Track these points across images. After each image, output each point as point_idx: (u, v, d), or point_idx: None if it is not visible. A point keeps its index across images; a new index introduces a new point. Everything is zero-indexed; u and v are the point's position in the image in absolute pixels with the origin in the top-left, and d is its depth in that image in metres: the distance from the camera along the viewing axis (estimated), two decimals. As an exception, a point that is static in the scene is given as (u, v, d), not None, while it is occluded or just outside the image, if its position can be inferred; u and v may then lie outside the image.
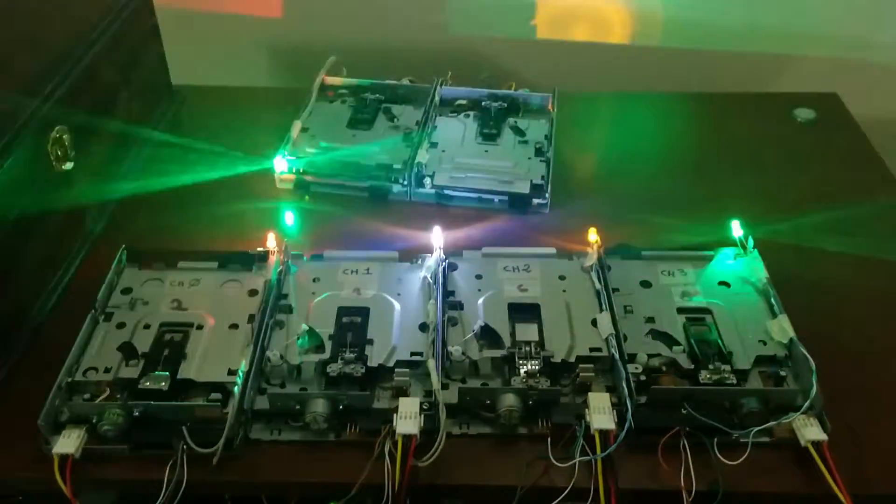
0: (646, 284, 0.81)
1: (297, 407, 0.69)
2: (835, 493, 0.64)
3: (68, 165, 0.86)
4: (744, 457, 0.65)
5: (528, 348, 0.74)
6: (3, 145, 0.75)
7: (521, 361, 0.73)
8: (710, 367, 0.71)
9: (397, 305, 0.79)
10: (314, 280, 0.82)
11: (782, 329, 0.74)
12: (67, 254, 0.88)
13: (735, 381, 0.70)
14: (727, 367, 0.71)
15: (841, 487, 0.64)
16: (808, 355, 0.70)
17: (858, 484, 0.65)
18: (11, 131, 0.77)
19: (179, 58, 1.16)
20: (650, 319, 0.77)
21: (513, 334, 0.76)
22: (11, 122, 0.77)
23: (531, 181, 0.96)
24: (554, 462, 0.67)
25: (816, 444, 0.66)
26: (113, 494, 0.80)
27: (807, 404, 0.67)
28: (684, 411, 0.68)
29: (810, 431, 0.67)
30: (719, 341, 0.74)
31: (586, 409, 0.69)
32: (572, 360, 0.73)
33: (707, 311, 0.78)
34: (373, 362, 0.72)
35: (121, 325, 0.77)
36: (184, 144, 1.05)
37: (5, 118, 0.77)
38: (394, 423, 0.67)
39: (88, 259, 0.90)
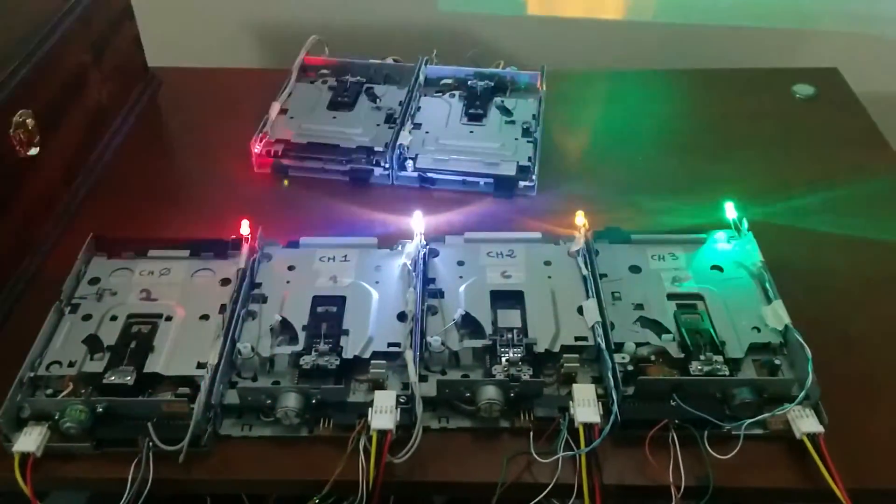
0: (635, 270, 0.78)
1: (269, 401, 0.67)
2: (831, 488, 0.61)
3: (34, 151, 0.83)
4: (736, 450, 0.63)
5: (510, 335, 0.71)
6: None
7: (502, 349, 0.70)
8: (702, 357, 0.68)
9: (375, 294, 0.76)
10: (289, 268, 0.79)
11: (777, 315, 0.71)
12: (35, 242, 0.85)
13: (728, 373, 0.67)
14: (719, 358, 0.68)
15: (837, 482, 0.61)
16: (803, 343, 0.67)
17: (856, 478, 0.62)
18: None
19: (156, 39, 1.13)
20: (639, 306, 0.74)
21: (494, 322, 0.73)
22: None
23: (517, 163, 0.93)
24: (536, 457, 0.65)
25: (812, 437, 0.64)
26: (84, 495, 0.78)
27: (802, 394, 0.65)
28: (673, 403, 0.65)
29: (806, 423, 0.64)
30: (711, 330, 0.71)
31: (570, 402, 0.66)
32: (556, 349, 0.70)
33: (699, 296, 0.75)
34: (348, 354, 0.70)
35: (87, 317, 0.74)
36: (159, 128, 1.02)
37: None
38: (369, 418, 0.64)
39: (58, 247, 0.87)
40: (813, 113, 1.08)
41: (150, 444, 0.64)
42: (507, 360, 0.69)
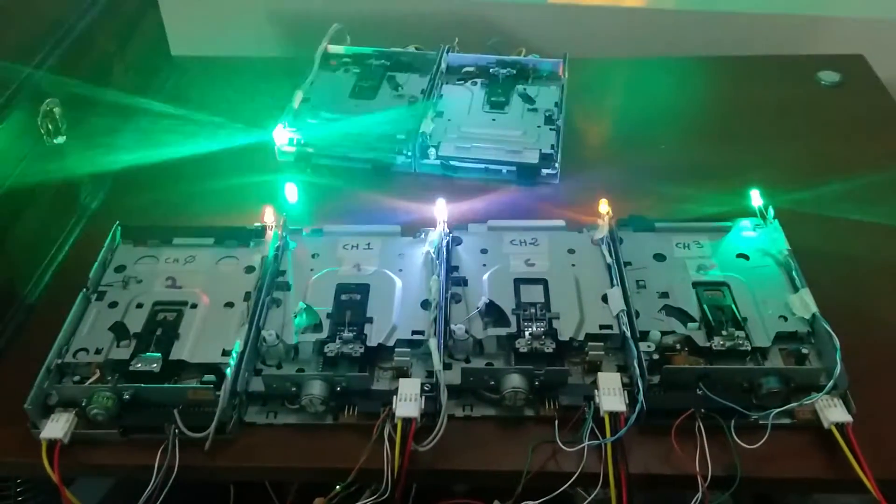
0: (659, 258, 0.78)
1: (294, 389, 0.67)
2: (859, 478, 0.60)
3: (60, 139, 0.84)
4: (763, 440, 0.62)
5: (532, 310, 0.71)
6: (-10, 118, 0.73)
7: (525, 324, 0.70)
8: (724, 332, 0.68)
9: (399, 282, 0.76)
10: (313, 256, 0.79)
11: (804, 304, 0.70)
12: (62, 230, 0.86)
13: (749, 348, 0.67)
14: (741, 333, 0.68)
15: (866, 472, 0.60)
16: (831, 332, 0.66)
17: (885, 467, 0.62)
18: (-2, 103, 0.74)
19: (180, 27, 1.13)
20: (664, 294, 0.73)
21: (517, 299, 0.73)
22: (-2, 94, 0.75)
23: (540, 150, 0.92)
24: (561, 446, 0.64)
25: (840, 427, 0.63)
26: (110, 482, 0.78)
27: (830, 384, 0.64)
28: (700, 392, 0.64)
29: (834, 413, 0.63)
30: (733, 306, 0.71)
31: (596, 390, 0.66)
32: (581, 337, 0.69)
33: (724, 285, 0.74)
34: (372, 342, 0.70)
35: (113, 305, 0.74)
36: (183, 116, 1.02)
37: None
38: (393, 406, 0.64)
39: (84, 235, 0.87)
40: (838, 100, 1.07)
41: (177, 431, 0.64)
42: (529, 334, 0.68)
